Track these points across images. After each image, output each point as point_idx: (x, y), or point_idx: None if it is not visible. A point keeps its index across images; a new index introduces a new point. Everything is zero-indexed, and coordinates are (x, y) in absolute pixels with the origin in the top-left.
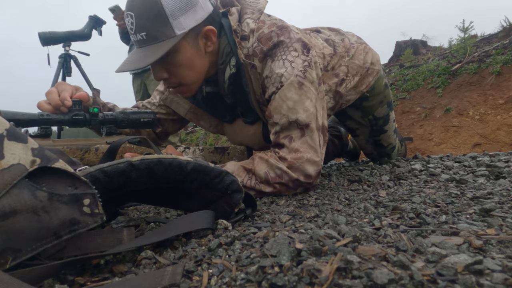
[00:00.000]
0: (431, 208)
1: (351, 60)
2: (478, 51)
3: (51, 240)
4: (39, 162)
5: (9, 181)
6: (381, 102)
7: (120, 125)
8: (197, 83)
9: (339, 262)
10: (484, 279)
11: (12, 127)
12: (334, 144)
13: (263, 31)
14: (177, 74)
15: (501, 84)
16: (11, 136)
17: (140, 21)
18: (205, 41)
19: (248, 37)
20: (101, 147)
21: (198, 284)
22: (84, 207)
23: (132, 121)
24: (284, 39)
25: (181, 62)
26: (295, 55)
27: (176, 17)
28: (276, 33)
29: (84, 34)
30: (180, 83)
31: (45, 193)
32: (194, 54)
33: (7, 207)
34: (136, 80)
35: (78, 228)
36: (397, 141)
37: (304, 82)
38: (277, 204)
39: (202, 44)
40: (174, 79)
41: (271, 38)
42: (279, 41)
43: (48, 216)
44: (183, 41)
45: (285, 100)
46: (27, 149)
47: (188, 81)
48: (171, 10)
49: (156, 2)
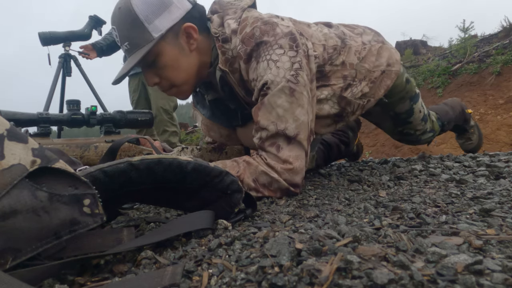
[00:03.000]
0: (431, 208)
1: (361, 64)
2: (478, 51)
3: (51, 240)
4: (39, 162)
5: (10, 181)
6: (402, 98)
7: (118, 124)
8: (189, 84)
9: (339, 262)
10: (484, 279)
11: (12, 127)
12: (339, 149)
13: (245, 30)
14: (166, 76)
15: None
16: (11, 136)
17: (121, 32)
18: (186, 39)
19: (229, 38)
20: (100, 145)
21: (198, 284)
22: (84, 207)
23: (129, 121)
24: (268, 37)
25: (166, 63)
26: (280, 53)
27: (151, 21)
28: (259, 29)
29: (84, 34)
30: (170, 84)
31: (45, 193)
32: (178, 54)
33: (7, 207)
34: (132, 80)
35: (78, 228)
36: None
37: (296, 88)
38: (277, 204)
39: (184, 43)
40: (164, 82)
41: (253, 36)
42: (261, 40)
43: (48, 216)
44: (163, 43)
45: (274, 107)
46: (28, 149)
47: (177, 81)
48: (144, 15)
49: (130, 10)
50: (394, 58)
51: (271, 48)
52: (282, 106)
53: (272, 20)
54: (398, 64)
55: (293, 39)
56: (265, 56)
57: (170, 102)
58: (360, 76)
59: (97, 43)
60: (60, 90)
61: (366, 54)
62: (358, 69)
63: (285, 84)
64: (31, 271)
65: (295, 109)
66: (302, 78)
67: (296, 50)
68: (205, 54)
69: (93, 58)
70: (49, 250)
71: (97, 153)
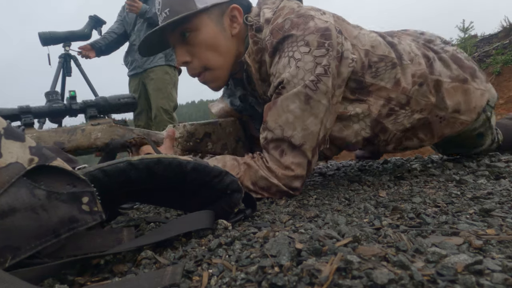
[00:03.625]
0: (431, 208)
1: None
2: (478, 51)
3: (50, 239)
4: (37, 160)
5: (7, 180)
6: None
7: (101, 110)
8: (223, 70)
9: (339, 262)
10: (484, 279)
11: (9, 125)
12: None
13: (277, 21)
14: (200, 56)
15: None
16: (8, 134)
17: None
18: (230, 22)
19: (262, 27)
20: (87, 128)
21: (198, 284)
22: (83, 205)
23: (112, 106)
24: (296, 31)
25: (204, 41)
26: (305, 51)
27: None
28: (290, 21)
29: (84, 34)
30: (204, 66)
31: (43, 192)
32: (218, 33)
33: (5, 205)
34: (133, 80)
35: (77, 226)
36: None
37: (313, 96)
38: (277, 204)
39: (227, 24)
40: (197, 62)
41: (283, 28)
42: (289, 34)
43: (47, 215)
44: (205, 17)
45: (286, 111)
46: (25, 148)
47: (212, 64)
48: None
49: None
50: (472, 104)
51: (296, 44)
52: (294, 112)
53: (309, 13)
54: (474, 112)
55: (327, 36)
56: (288, 51)
57: (170, 102)
58: (416, 107)
59: (96, 42)
60: (60, 90)
61: (444, 90)
62: (415, 97)
63: (302, 89)
64: (31, 271)
65: (307, 118)
66: (324, 85)
67: (326, 49)
68: (242, 43)
69: (92, 58)
70: (48, 249)
71: (84, 136)
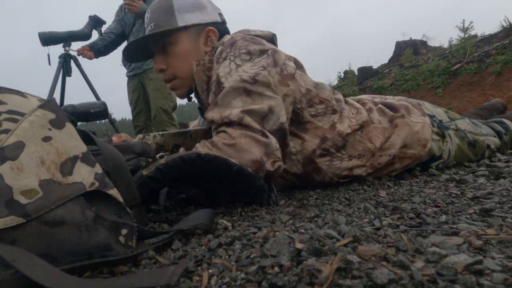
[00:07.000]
0: (431, 208)
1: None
2: (478, 51)
3: (83, 259)
4: (97, 185)
5: (68, 195)
6: None
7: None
8: (188, 80)
9: (339, 262)
10: (484, 279)
11: (88, 151)
12: None
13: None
14: (173, 65)
15: (501, 84)
16: (84, 159)
17: (152, 14)
18: (205, 41)
19: (217, 47)
20: None
21: (198, 284)
22: (120, 237)
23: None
24: (242, 41)
25: (178, 52)
26: (246, 59)
27: (182, 12)
28: (240, 35)
29: (84, 34)
30: (174, 74)
31: (92, 214)
32: (192, 48)
33: (59, 216)
34: (132, 80)
35: (110, 255)
36: None
37: (252, 89)
38: (277, 204)
39: (202, 42)
40: (170, 70)
41: (231, 39)
42: (234, 41)
43: (88, 236)
44: (184, 34)
45: (228, 107)
46: (92, 172)
47: (181, 73)
48: (178, 6)
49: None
50: (419, 137)
51: (239, 50)
52: (237, 106)
53: (262, 41)
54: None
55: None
56: (230, 56)
57: (169, 102)
58: (353, 152)
59: (95, 44)
60: (60, 90)
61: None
62: (351, 141)
63: (240, 84)
64: None
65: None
66: (264, 78)
67: (267, 55)
68: None
69: (92, 59)
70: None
71: None
